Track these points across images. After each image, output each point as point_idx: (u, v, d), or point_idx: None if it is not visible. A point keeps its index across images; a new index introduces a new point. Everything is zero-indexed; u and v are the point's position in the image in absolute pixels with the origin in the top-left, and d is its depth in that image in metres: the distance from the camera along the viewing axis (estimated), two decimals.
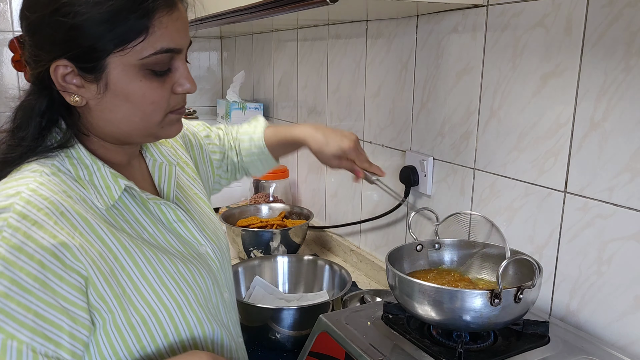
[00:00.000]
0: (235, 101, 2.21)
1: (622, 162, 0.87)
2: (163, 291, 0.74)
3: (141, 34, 0.68)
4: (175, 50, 0.72)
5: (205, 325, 0.79)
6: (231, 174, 1.20)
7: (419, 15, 1.28)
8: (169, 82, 0.74)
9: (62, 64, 0.69)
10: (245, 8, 1.25)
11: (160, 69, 0.71)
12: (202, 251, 0.84)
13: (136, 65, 0.69)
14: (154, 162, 0.87)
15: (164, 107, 0.74)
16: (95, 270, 0.68)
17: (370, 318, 0.95)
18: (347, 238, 1.72)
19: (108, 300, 0.69)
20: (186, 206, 0.88)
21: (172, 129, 0.78)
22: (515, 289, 0.78)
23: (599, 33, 0.88)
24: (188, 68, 0.76)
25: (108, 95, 0.71)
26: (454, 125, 1.21)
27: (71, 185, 0.72)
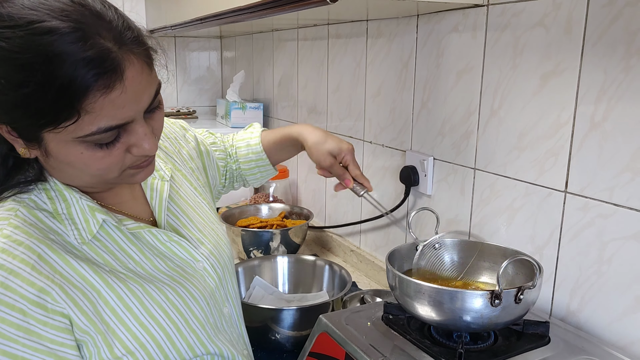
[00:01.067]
0: (235, 101, 2.21)
1: (622, 162, 0.87)
2: (150, 322, 0.72)
3: (71, 118, 0.59)
4: (121, 125, 0.64)
5: (197, 349, 0.77)
6: (229, 183, 1.18)
7: (419, 15, 1.28)
8: (121, 147, 0.66)
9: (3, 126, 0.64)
10: (245, 8, 1.25)
11: (104, 142, 0.64)
12: (198, 268, 0.82)
13: (73, 141, 0.63)
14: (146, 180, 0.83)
15: (115, 170, 0.68)
16: (75, 310, 0.67)
17: (370, 318, 0.95)
18: (347, 238, 1.72)
19: (93, 335, 0.68)
20: (182, 221, 0.85)
21: (133, 179, 0.73)
22: (515, 290, 0.78)
23: (599, 33, 0.88)
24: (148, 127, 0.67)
25: (51, 160, 0.67)
26: (454, 125, 1.21)
27: (48, 223, 0.69)
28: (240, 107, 2.17)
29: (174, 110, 2.50)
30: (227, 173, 1.16)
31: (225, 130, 2.18)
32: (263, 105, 2.21)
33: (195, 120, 2.48)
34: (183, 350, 0.75)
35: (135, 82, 0.63)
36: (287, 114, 2.07)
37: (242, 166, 1.15)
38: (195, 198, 0.92)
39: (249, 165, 1.14)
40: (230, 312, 0.88)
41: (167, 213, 0.83)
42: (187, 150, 1.00)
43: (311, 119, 1.86)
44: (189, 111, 2.52)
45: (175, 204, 0.87)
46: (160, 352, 0.73)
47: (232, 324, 0.88)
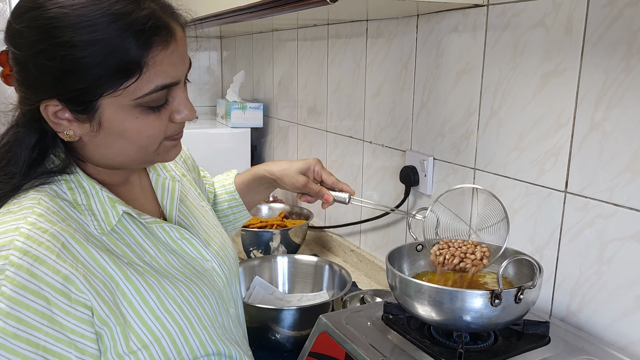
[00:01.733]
0: (235, 101, 2.21)
1: (622, 162, 0.87)
2: (166, 317, 0.73)
3: (134, 75, 0.64)
4: (172, 84, 0.69)
5: (208, 347, 0.77)
6: None
7: (419, 15, 1.28)
8: (166, 112, 0.71)
9: (52, 104, 0.66)
10: (245, 8, 1.25)
11: (156, 104, 0.69)
12: (208, 267, 0.82)
13: (130, 105, 0.67)
14: (157, 179, 0.86)
15: (160, 138, 0.72)
16: (98, 300, 0.67)
17: (370, 318, 0.95)
18: (347, 238, 1.72)
19: (112, 327, 0.68)
20: (191, 222, 0.86)
21: (168, 155, 0.77)
22: (515, 290, 0.78)
23: (600, 33, 0.88)
24: (187, 94, 0.73)
25: (102, 133, 0.69)
26: (454, 125, 1.21)
27: (69, 212, 0.70)
28: (240, 107, 2.17)
29: None
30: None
31: (225, 130, 2.18)
32: (263, 105, 2.21)
33: (195, 120, 2.48)
34: (195, 347, 0.75)
35: (181, 43, 0.70)
36: (287, 114, 2.07)
37: (217, 207, 1.14)
38: (200, 202, 0.94)
39: (222, 206, 1.14)
40: (236, 313, 0.89)
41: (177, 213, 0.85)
42: (191, 162, 1.03)
43: (311, 119, 1.86)
44: None
45: (184, 204, 0.88)
46: (173, 347, 0.73)
47: (237, 325, 0.88)
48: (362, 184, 1.59)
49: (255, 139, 2.33)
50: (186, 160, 1.00)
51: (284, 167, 1.04)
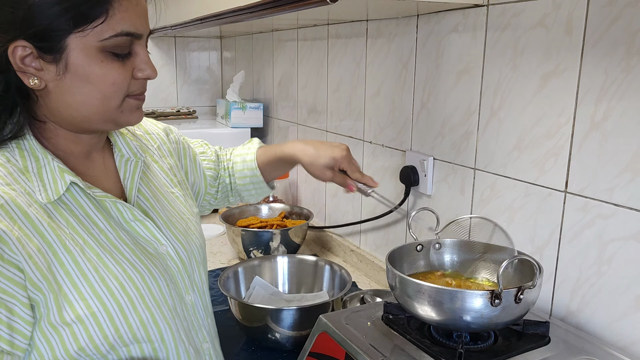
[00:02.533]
0: (235, 101, 2.21)
1: (622, 162, 0.87)
2: (104, 292, 0.72)
3: (101, 15, 0.68)
4: (135, 34, 0.72)
5: (150, 329, 0.77)
6: (222, 196, 1.18)
7: (419, 15, 1.28)
8: (129, 65, 0.74)
9: (20, 45, 0.68)
10: (245, 8, 1.25)
11: (120, 52, 0.72)
12: (162, 251, 0.83)
13: (96, 47, 0.70)
14: (121, 158, 0.86)
15: (123, 90, 0.74)
16: (30, 263, 0.67)
17: (370, 318, 0.95)
18: (347, 238, 1.72)
19: (45, 294, 0.69)
20: (151, 203, 0.86)
21: (132, 116, 0.78)
22: (515, 290, 0.78)
23: (600, 33, 0.88)
24: (148, 55, 0.77)
25: (68, 77, 0.70)
26: (454, 125, 1.21)
27: (17, 177, 0.71)
28: (240, 107, 2.17)
29: (174, 110, 2.50)
30: (219, 185, 1.16)
31: (225, 130, 2.19)
32: (263, 105, 2.21)
33: (195, 120, 2.48)
34: (135, 327, 0.75)
35: (143, 3, 0.74)
36: (287, 114, 2.07)
37: (238, 181, 1.15)
38: (168, 189, 0.93)
39: (243, 181, 1.15)
40: (195, 301, 0.88)
41: (138, 194, 0.85)
42: (168, 147, 1.01)
43: (311, 119, 1.86)
44: (189, 111, 2.52)
45: (147, 187, 0.88)
46: (111, 324, 0.73)
47: (194, 313, 0.87)
48: None
49: None
50: (161, 147, 0.99)
51: (311, 160, 1.06)
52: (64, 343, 0.71)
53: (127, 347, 0.75)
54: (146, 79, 0.77)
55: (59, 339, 0.70)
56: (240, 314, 1.16)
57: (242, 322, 1.17)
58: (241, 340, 1.20)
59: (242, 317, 1.16)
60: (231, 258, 1.70)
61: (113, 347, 0.74)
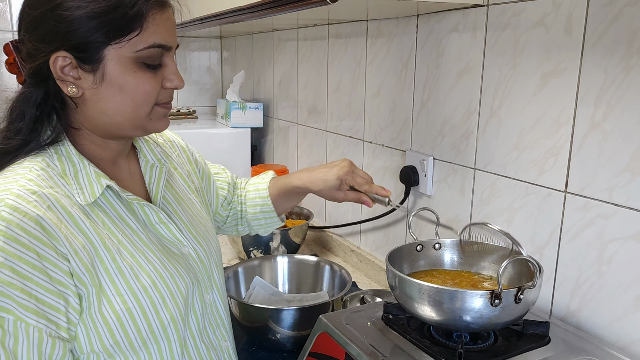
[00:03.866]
0: (235, 101, 2.21)
1: (622, 162, 0.87)
2: (139, 288, 0.77)
3: (136, 29, 0.74)
4: (165, 47, 0.77)
5: (178, 323, 0.81)
6: (232, 223, 1.19)
7: (419, 14, 1.28)
8: (159, 76, 0.79)
9: (61, 55, 0.73)
10: (245, 8, 1.25)
11: (152, 63, 0.77)
12: (184, 251, 0.87)
13: (131, 58, 0.75)
14: (146, 163, 0.90)
15: (153, 98, 0.79)
16: (76, 259, 0.72)
17: (370, 318, 0.95)
18: (347, 238, 1.72)
19: (89, 288, 0.73)
20: (173, 207, 0.90)
21: (159, 124, 0.83)
22: (515, 290, 0.78)
23: (600, 32, 0.88)
24: (175, 64, 0.81)
25: (103, 86, 0.75)
26: (454, 125, 1.21)
27: (57, 181, 0.76)
28: (240, 107, 2.17)
29: (174, 110, 2.50)
30: (230, 211, 1.18)
31: (225, 130, 2.18)
32: (263, 105, 2.21)
33: (196, 120, 2.48)
34: (166, 322, 0.79)
35: (172, 18, 0.80)
36: (287, 114, 2.07)
37: (249, 210, 1.17)
38: (188, 195, 0.97)
39: (254, 209, 1.16)
40: (213, 300, 0.91)
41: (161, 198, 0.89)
42: (187, 155, 1.06)
43: (311, 119, 1.86)
44: (189, 111, 2.52)
45: (170, 191, 0.93)
46: (144, 319, 0.77)
47: (212, 312, 0.91)
48: None
49: (255, 139, 2.33)
50: (180, 154, 1.03)
51: (320, 187, 1.08)
52: (100, 337, 0.74)
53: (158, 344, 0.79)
54: (174, 89, 0.82)
55: (96, 333, 0.74)
56: (241, 314, 1.16)
57: (243, 322, 1.17)
58: (241, 340, 1.20)
59: (242, 317, 1.16)
60: (231, 258, 1.70)
61: (145, 343, 0.77)
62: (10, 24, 2.36)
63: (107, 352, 0.75)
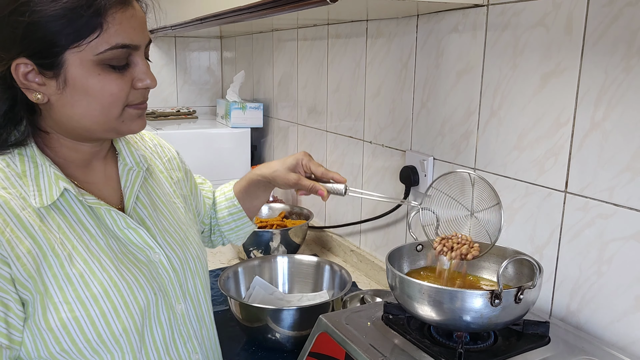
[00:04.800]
0: (235, 101, 2.21)
1: (622, 162, 0.87)
2: (87, 297, 0.74)
3: (95, 30, 0.70)
4: (130, 46, 0.74)
5: (131, 335, 0.77)
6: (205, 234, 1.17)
7: (419, 15, 1.28)
8: (128, 76, 0.75)
9: (22, 62, 0.71)
10: (245, 8, 1.25)
11: (117, 64, 0.73)
12: (154, 259, 0.83)
13: (93, 61, 0.71)
14: (124, 166, 0.87)
15: (122, 100, 0.75)
16: (18, 264, 0.70)
17: (370, 318, 0.95)
18: (347, 238, 1.72)
19: (33, 294, 0.71)
20: (148, 212, 0.87)
21: (133, 124, 0.80)
22: (515, 290, 0.78)
23: (600, 32, 0.88)
24: (148, 64, 0.78)
25: (67, 91, 0.73)
26: (454, 125, 1.21)
27: (14, 181, 0.74)
28: (240, 107, 2.17)
29: (174, 110, 2.50)
30: (210, 219, 1.16)
31: (225, 130, 2.18)
32: (263, 105, 2.21)
33: (195, 120, 2.48)
34: (117, 333, 0.76)
35: (140, 13, 0.76)
36: (287, 114, 2.07)
37: (218, 215, 1.15)
38: (171, 199, 0.94)
39: (222, 213, 1.14)
40: (185, 311, 0.87)
41: (136, 202, 0.86)
42: (178, 163, 1.03)
43: (311, 119, 1.86)
44: (189, 111, 2.52)
45: (148, 196, 0.89)
46: (93, 330, 0.74)
47: (184, 322, 0.87)
48: (362, 184, 1.59)
49: (255, 139, 2.33)
50: (171, 160, 1.01)
51: (275, 168, 1.06)
52: (46, 344, 0.72)
53: (111, 353, 0.76)
54: (146, 89, 0.78)
55: (42, 340, 0.72)
56: (241, 314, 1.16)
57: (242, 322, 1.17)
58: (241, 340, 1.20)
59: (242, 317, 1.16)
60: (231, 258, 1.70)
61: (96, 352, 0.75)
62: None
63: (55, 358, 0.73)
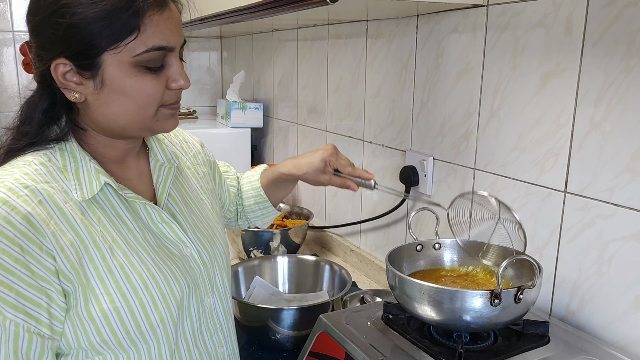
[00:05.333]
0: (235, 101, 2.21)
1: (622, 162, 0.87)
2: (129, 290, 0.76)
3: (133, 32, 0.71)
4: (167, 48, 0.75)
5: (168, 326, 0.80)
6: (234, 217, 1.20)
7: (419, 15, 1.28)
8: (163, 77, 0.77)
9: (61, 62, 0.73)
10: (245, 8, 1.25)
11: (153, 65, 0.75)
12: (186, 252, 0.85)
13: (130, 62, 0.73)
14: (155, 162, 0.90)
15: (157, 100, 0.77)
16: (62, 256, 0.71)
17: (370, 318, 0.95)
18: (347, 238, 1.72)
19: (75, 285, 0.73)
20: (179, 207, 0.89)
21: (167, 123, 0.81)
22: (515, 289, 0.78)
23: (599, 33, 0.88)
24: (182, 65, 0.79)
25: (105, 91, 0.75)
26: (454, 125, 1.21)
27: (55, 175, 0.76)
28: (240, 107, 2.17)
29: None
30: (236, 206, 1.19)
31: (225, 130, 2.18)
32: (263, 105, 2.21)
33: (196, 120, 2.48)
34: (155, 324, 0.78)
35: (176, 14, 0.77)
36: (287, 114, 2.07)
37: (245, 202, 1.18)
38: (198, 195, 0.96)
39: (249, 202, 1.17)
40: (213, 304, 0.90)
41: (168, 197, 0.88)
42: (202, 157, 1.05)
43: (311, 119, 1.87)
44: (189, 111, 2.52)
45: (178, 191, 0.91)
46: (133, 320, 0.76)
47: (212, 317, 0.89)
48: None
49: (255, 139, 2.33)
50: (196, 155, 1.03)
51: (305, 170, 1.09)
52: (87, 335, 0.74)
53: (148, 344, 0.78)
54: (180, 89, 0.80)
55: (83, 331, 0.74)
56: (241, 314, 1.16)
57: (242, 322, 1.17)
58: (241, 340, 1.20)
59: (242, 317, 1.16)
60: (231, 258, 1.70)
61: (134, 343, 0.77)
62: (11, 24, 2.36)
63: (95, 349, 0.75)
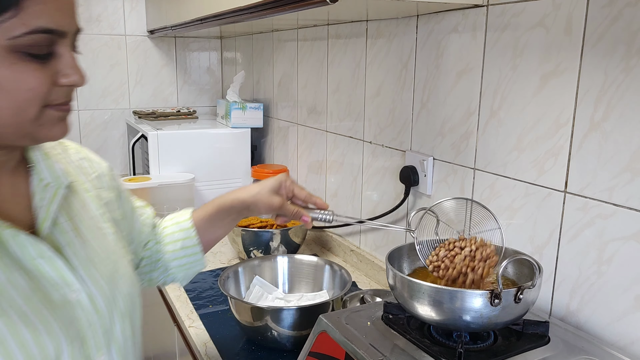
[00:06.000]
0: (235, 101, 2.21)
1: (622, 162, 0.87)
2: None
3: (9, 8, 0.56)
4: (55, 32, 0.60)
5: None
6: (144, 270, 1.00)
7: (419, 15, 1.28)
8: (50, 69, 0.62)
9: None
10: (245, 8, 1.25)
11: (38, 52, 0.60)
12: (71, 298, 0.67)
13: (6, 46, 0.58)
14: (39, 181, 0.71)
15: (41, 98, 0.61)
16: None
17: (370, 318, 0.95)
18: (347, 238, 1.72)
19: None
20: (69, 239, 0.71)
21: (53, 129, 0.65)
22: (515, 289, 0.78)
23: (599, 33, 0.88)
24: (76, 57, 0.64)
25: None
26: (454, 125, 1.21)
27: None
28: (240, 107, 2.17)
29: (174, 110, 2.50)
30: (146, 251, 0.99)
31: (225, 130, 2.19)
32: (263, 105, 2.21)
33: (196, 120, 2.48)
34: None
35: None
36: (287, 114, 2.07)
37: (167, 248, 0.98)
38: (99, 224, 0.79)
39: (174, 246, 0.98)
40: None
41: (53, 225, 0.70)
42: (108, 180, 0.88)
43: (311, 119, 1.87)
44: (189, 111, 2.52)
45: (68, 218, 0.73)
46: None
47: None
48: (362, 184, 1.59)
49: (255, 139, 2.33)
50: (100, 177, 0.86)
51: (256, 191, 0.95)
52: None
53: None
54: (72, 86, 0.64)
55: None
56: (240, 313, 1.16)
57: (242, 322, 1.17)
58: (241, 340, 1.20)
59: (242, 317, 1.16)
60: (231, 258, 1.71)
61: None
62: None
63: None
